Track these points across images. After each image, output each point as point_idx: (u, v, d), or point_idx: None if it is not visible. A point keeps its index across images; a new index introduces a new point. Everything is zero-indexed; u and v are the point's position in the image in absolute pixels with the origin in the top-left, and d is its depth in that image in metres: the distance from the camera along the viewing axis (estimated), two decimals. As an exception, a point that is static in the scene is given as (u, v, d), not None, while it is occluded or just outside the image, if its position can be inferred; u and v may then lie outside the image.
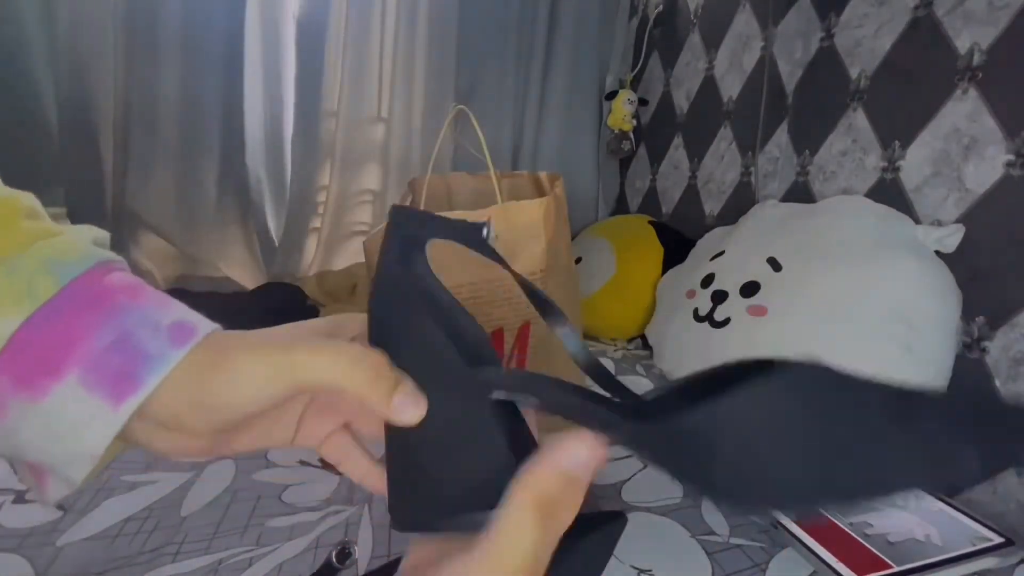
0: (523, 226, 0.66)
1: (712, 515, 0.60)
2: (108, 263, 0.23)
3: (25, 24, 1.04)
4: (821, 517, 0.58)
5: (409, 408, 0.23)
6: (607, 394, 0.26)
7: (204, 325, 0.23)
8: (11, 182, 0.25)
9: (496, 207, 0.66)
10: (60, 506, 0.53)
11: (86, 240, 0.24)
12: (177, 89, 1.15)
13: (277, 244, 1.32)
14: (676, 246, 1.23)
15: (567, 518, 0.21)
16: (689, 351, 0.95)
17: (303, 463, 0.65)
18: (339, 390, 0.23)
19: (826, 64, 0.97)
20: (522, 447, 0.24)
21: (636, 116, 1.48)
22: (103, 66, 1.09)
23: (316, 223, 1.36)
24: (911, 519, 0.60)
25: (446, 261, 0.65)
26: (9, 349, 0.20)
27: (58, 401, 0.21)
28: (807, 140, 1.01)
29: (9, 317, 0.20)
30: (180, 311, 0.23)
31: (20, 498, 0.54)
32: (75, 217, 1.14)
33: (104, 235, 0.25)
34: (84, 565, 0.46)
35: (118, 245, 1.18)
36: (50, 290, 0.21)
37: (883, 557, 0.52)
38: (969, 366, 0.73)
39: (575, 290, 0.81)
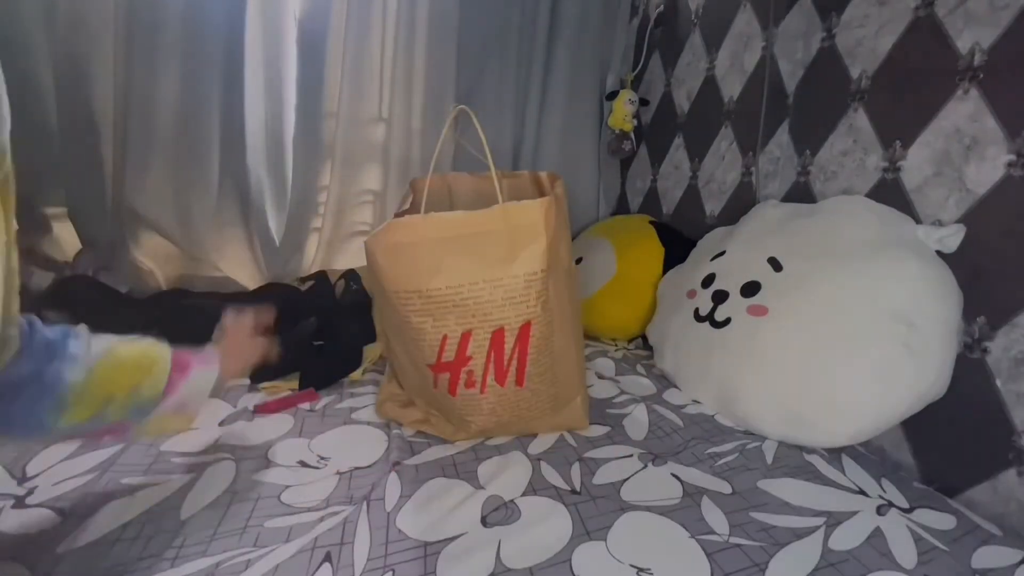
0: (524, 226, 0.66)
1: (712, 515, 0.60)
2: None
3: (25, 24, 1.04)
4: None
5: None
6: None
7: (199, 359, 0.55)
8: (10, 184, 0.26)
9: (497, 207, 0.66)
10: (60, 511, 0.53)
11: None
12: (178, 89, 1.15)
13: (278, 244, 1.31)
14: (677, 246, 1.23)
15: None
16: (690, 351, 0.95)
17: (303, 464, 0.65)
18: None
19: (827, 64, 0.97)
20: None
21: (637, 116, 1.48)
22: (103, 67, 1.09)
23: (317, 223, 1.36)
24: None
25: (446, 260, 0.65)
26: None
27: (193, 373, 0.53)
28: (808, 140, 1.01)
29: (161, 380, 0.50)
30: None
31: (20, 503, 0.54)
32: (75, 217, 1.14)
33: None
34: (84, 572, 0.46)
35: (119, 245, 1.18)
36: (166, 371, 0.50)
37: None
38: (970, 366, 0.73)
39: (575, 290, 0.81)
